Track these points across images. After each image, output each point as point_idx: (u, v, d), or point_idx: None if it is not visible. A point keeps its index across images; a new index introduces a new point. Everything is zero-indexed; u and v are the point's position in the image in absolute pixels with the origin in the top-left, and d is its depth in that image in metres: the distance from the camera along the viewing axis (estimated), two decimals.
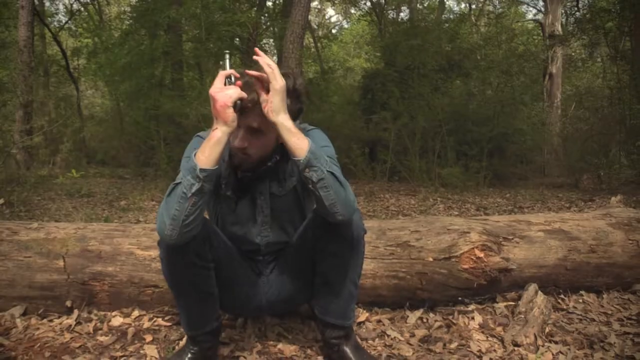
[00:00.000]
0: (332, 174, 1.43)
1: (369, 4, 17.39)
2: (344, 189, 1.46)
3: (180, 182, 1.42)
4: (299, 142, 1.43)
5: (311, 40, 17.47)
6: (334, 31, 22.36)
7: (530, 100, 9.58)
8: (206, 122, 7.48)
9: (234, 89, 1.42)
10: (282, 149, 1.59)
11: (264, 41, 15.32)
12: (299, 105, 1.60)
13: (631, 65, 7.12)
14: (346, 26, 21.75)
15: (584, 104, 9.74)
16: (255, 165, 1.63)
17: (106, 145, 13.43)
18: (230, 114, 1.40)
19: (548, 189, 8.19)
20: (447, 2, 19.57)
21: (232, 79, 1.45)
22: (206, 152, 1.41)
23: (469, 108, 8.76)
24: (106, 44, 12.04)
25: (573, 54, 11.81)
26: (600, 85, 10.38)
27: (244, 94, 1.43)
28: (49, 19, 16.52)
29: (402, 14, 18.80)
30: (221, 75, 1.45)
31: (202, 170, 1.39)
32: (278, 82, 1.43)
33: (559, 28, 10.81)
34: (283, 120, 1.44)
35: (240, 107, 1.44)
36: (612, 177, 8.17)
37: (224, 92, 1.40)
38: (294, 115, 1.53)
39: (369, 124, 9.18)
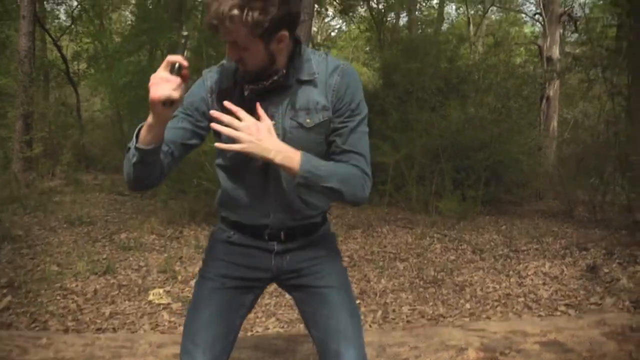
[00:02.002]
0: (327, 188, 1.45)
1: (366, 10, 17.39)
2: (341, 192, 1.46)
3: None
4: (292, 170, 1.42)
5: (310, 45, 17.45)
6: (333, 34, 22.33)
7: (527, 126, 9.68)
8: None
9: (172, 84, 1.30)
10: (292, 63, 1.49)
11: None
12: (287, 9, 1.34)
13: (627, 102, 7.20)
14: (345, 29, 21.65)
15: (579, 128, 9.87)
16: (258, 77, 1.46)
17: (106, 152, 13.47)
18: (159, 110, 1.31)
19: (543, 219, 8.30)
20: (446, 7, 19.65)
21: (177, 67, 1.32)
22: (143, 132, 1.37)
23: (466, 133, 8.82)
24: (107, 52, 12.05)
25: (569, 90, 11.92)
26: (596, 109, 10.47)
27: (175, 95, 1.30)
28: (50, 20, 16.50)
29: (401, 19, 18.86)
30: (167, 61, 1.33)
31: (137, 148, 1.38)
32: (243, 139, 1.39)
33: (557, 52, 10.88)
34: (274, 157, 1.40)
35: (172, 104, 1.32)
36: (606, 208, 8.28)
37: (160, 84, 1.30)
38: (283, 24, 1.36)
39: None
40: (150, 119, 1.35)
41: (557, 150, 10.41)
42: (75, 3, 16.13)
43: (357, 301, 4.28)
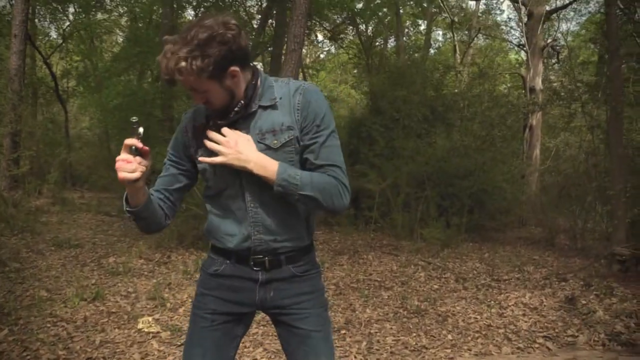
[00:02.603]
0: (304, 195, 1.57)
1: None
2: (319, 200, 1.58)
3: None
4: (270, 179, 1.56)
5: (300, 69, 17.69)
6: (322, 55, 22.64)
7: (511, 155, 9.93)
8: None
9: (132, 165, 1.49)
10: (248, 94, 1.62)
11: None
12: (228, 48, 1.49)
13: (606, 135, 7.45)
14: (334, 51, 21.96)
15: (561, 157, 10.15)
16: (224, 112, 1.62)
17: (93, 171, 13.49)
18: (128, 186, 1.53)
19: (525, 247, 8.50)
20: (433, 32, 20.06)
21: (134, 149, 1.50)
22: (127, 196, 1.59)
23: (451, 161, 9.02)
24: (97, 70, 12.18)
25: (551, 119, 12.26)
26: (577, 139, 10.77)
27: (134, 176, 1.49)
28: (41, 38, 16.57)
29: (389, 44, 19.20)
30: (124, 145, 1.50)
31: (128, 211, 1.62)
32: (223, 152, 1.57)
33: (539, 83, 11.20)
34: (252, 168, 1.57)
35: (135, 181, 1.51)
36: (586, 237, 8.50)
37: (122, 167, 1.49)
38: (229, 61, 1.50)
39: (354, 173, 9.39)
40: (127, 189, 1.56)
41: (540, 178, 10.66)
42: (67, 22, 16.21)
43: (343, 331, 4.39)
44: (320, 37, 19.19)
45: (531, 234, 9.83)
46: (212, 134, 1.60)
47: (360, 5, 15.09)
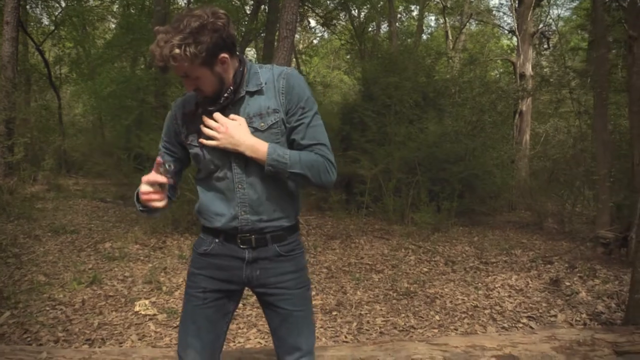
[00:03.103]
0: (294, 173, 1.72)
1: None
2: (308, 177, 1.73)
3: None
4: (261, 160, 1.70)
5: (293, 55, 17.70)
6: (315, 41, 22.63)
7: (501, 140, 10.06)
8: None
9: (159, 197, 1.69)
10: (235, 80, 1.74)
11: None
12: (218, 35, 1.61)
13: (592, 121, 7.60)
14: (327, 37, 21.96)
15: (550, 142, 10.31)
16: (214, 99, 1.73)
17: (87, 158, 13.54)
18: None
19: (514, 231, 8.67)
20: (425, 18, 20.08)
21: (159, 185, 1.70)
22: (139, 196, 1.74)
23: (442, 147, 9.14)
24: (90, 57, 12.18)
25: (541, 105, 12.39)
26: (566, 124, 10.92)
27: (163, 205, 1.71)
28: (33, 25, 16.52)
29: (382, 28, 19.23)
30: (150, 181, 1.68)
31: (141, 210, 1.80)
32: (217, 137, 1.70)
33: (530, 69, 11.30)
34: (244, 150, 1.70)
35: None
36: (574, 220, 8.67)
37: (154, 200, 1.68)
38: (220, 48, 1.62)
39: (346, 158, 9.51)
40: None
41: (530, 163, 10.82)
42: (59, 9, 16.15)
43: (334, 313, 4.54)
44: (312, 22, 19.21)
45: (520, 218, 10.00)
46: (206, 120, 1.72)
47: None
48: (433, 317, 4.53)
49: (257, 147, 1.69)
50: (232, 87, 1.73)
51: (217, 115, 1.72)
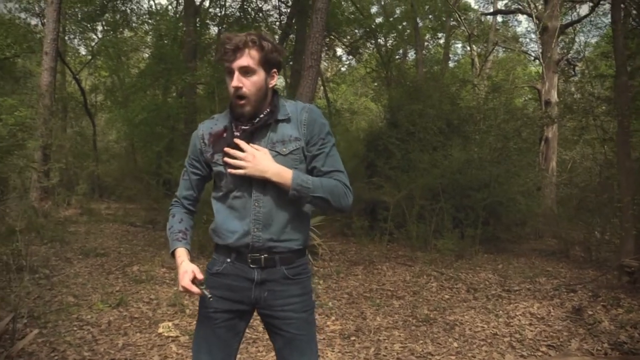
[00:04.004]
0: (316, 197, 1.85)
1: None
2: (329, 201, 1.88)
3: (171, 209, 2.10)
4: (286, 185, 1.83)
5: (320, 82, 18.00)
6: (343, 69, 22.91)
7: (526, 167, 10.01)
8: None
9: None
10: (273, 104, 1.93)
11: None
12: (279, 55, 1.89)
13: (617, 148, 7.53)
14: (355, 64, 22.24)
15: (577, 169, 10.21)
16: (252, 116, 1.88)
17: (119, 182, 13.95)
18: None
19: (539, 259, 8.58)
20: (451, 46, 20.22)
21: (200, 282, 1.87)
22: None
23: (467, 173, 9.16)
24: (124, 85, 12.63)
25: (567, 132, 12.30)
26: (593, 151, 10.81)
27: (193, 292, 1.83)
28: (71, 55, 17.24)
29: (409, 56, 19.39)
30: (188, 290, 1.84)
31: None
32: (244, 166, 1.83)
33: (555, 96, 11.27)
34: (270, 176, 1.83)
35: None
36: (602, 249, 8.53)
37: (189, 288, 1.82)
38: (276, 65, 1.90)
39: (370, 185, 9.60)
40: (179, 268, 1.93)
41: (556, 190, 10.71)
42: (96, 39, 16.82)
43: (352, 338, 4.58)
44: (339, 51, 19.51)
45: (547, 245, 9.88)
46: (231, 151, 1.86)
47: (379, 20, 15.37)
48: (451, 344, 4.53)
49: (283, 173, 1.83)
50: (269, 109, 1.91)
51: (242, 143, 1.86)
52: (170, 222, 2.07)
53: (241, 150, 1.85)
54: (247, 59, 1.81)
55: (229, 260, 1.96)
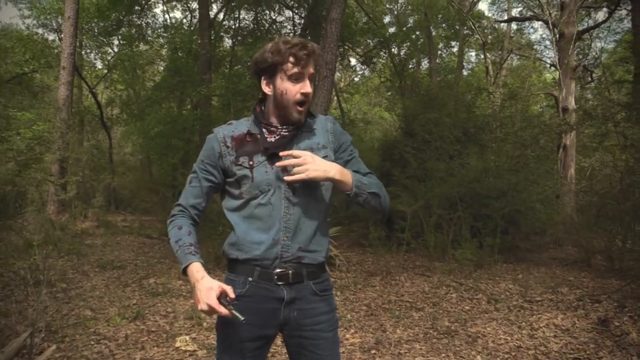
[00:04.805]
0: (371, 193, 1.85)
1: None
2: (380, 196, 1.90)
3: (175, 220, 1.91)
4: (347, 183, 1.80)
5: (332, 91, 18.00)
6: (356, 79, 22.92)
7: (544, 175, 9.86)
8: None
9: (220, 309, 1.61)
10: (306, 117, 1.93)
11: None
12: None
13: (638, 155, 7.40)
14: (368, 74, 22.24)
15: (596, 177, 10.04)
16: (295, 122, 1.86)
17: (135, 195, 14.02)
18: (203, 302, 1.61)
19: (560, 268, 8.41)
20: (465, 53, 20.10)
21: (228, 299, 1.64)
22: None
23: (484, 182, 9.04)
24: (140, 98, 12.72)
25: (586, 138, 12.14)
26: (612, 158, 10.63)
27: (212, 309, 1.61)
28: (87, 69, 17.44)
29: (422, 65, 19.33)
30: (215, 310, 1.61)
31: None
32: (307, 168, 1.73)
33: (572, 103, 11.12)
34: (334, 175, 1.77)
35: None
36: (624, 258, 8.35)
37: (216, 307, 1.60)
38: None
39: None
40: (195, 285, 1.70)
41: (575, 198, 10.53)
42: (112, 53, 17.01)
43: (372, 351, 4.50)
44: (353, 61, 19.51)
45: (567, 254, 9.69)
46: (290, 152, 1.77)
47: (392, 29, 15.36)
48: (474, 358, 4.43)
49: (344, 171, 1.82)
50: (306, 119, 1.92)
51: (296, 152, 1.76)
52: (176, 234, 1.85)
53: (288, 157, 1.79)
54: (313, 67, 1.83)
55: (250, 279, 1.82)
